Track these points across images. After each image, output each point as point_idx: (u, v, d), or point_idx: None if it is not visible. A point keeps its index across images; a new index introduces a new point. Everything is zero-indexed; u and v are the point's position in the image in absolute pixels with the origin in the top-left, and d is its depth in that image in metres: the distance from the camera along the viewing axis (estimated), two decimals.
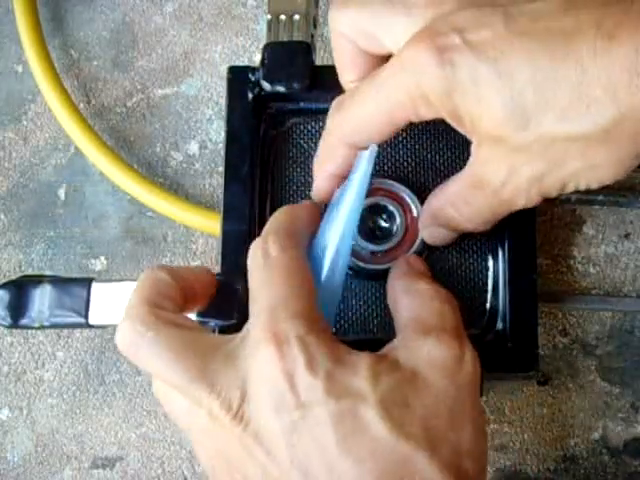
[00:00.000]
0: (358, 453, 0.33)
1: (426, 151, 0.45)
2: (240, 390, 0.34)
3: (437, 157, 0.45)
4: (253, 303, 0.37)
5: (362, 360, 0.35)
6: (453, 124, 0.35)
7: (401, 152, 0.45)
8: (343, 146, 0.39)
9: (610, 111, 0.32)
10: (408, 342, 0.36)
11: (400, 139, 0.45)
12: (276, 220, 0.40)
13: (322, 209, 0.41)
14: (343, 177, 0.40)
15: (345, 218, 0.38)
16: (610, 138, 0.33)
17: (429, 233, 0.42)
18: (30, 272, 0.52)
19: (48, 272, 0.51)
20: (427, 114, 0.35)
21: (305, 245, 0.39)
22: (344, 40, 0.39)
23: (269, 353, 0.34)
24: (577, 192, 0.49)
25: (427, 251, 0.44)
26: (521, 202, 0.37)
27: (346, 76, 0.40)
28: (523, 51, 0.33)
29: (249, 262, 0.38)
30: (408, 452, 0.33)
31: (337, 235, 0.39)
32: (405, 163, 0.45)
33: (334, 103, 0.39)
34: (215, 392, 0.34)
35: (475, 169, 0.37)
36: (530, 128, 0.33)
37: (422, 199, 0.44)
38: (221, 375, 0.35)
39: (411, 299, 0.39)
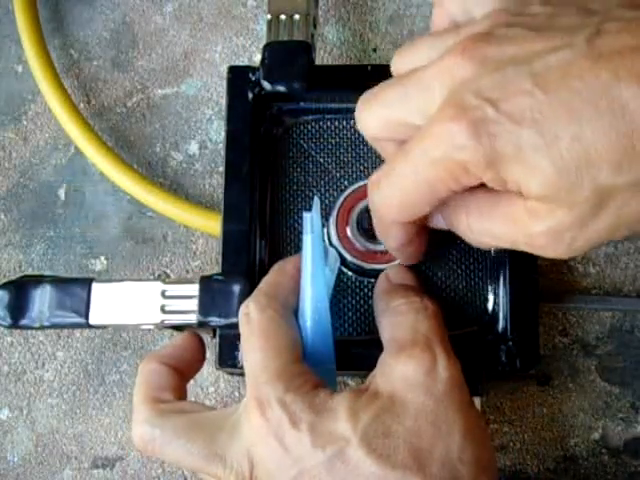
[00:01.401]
0: None
1: None
2: (247, 459, 0.37)
3: None
4: (245, 369, 0.39)
5: (341, 402, 0.36)
6: (497, 188, 0.33)
7: None
8: (395, 224, 0.37)
9: None
10: (384, 367, 0.37)
11: None
12: (263, 281, 0.41)
13: None
14: (414, 241, 0.39)
15: (310, 269, 0.40)
16: None
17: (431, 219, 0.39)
18: (30, 272, 0.52)
19: (48, 272, 0.51)
20: (469, 182, 0.33)
21: (288, 297, 0.40)
22: (382, 142, 0.37)
23: (256, 419, 0.36)
24: None
25: (427, 250, 0.44)
26: (557, 252, 0.34)
27: None
28: (563, 108, 0.30)
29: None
30: None
31: (308, 284, 0.40)
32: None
33: (370, 182, 0.37)
34: (228, 467, 0.37)
35: (516, 211, 0.34)
36: (583, 185, 0.31)
37: None
38: (230, 448, 0.37)
39: (387, 319, 0.40)
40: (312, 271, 0.39)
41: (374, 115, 0.36)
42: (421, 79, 0.34)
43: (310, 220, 0.40)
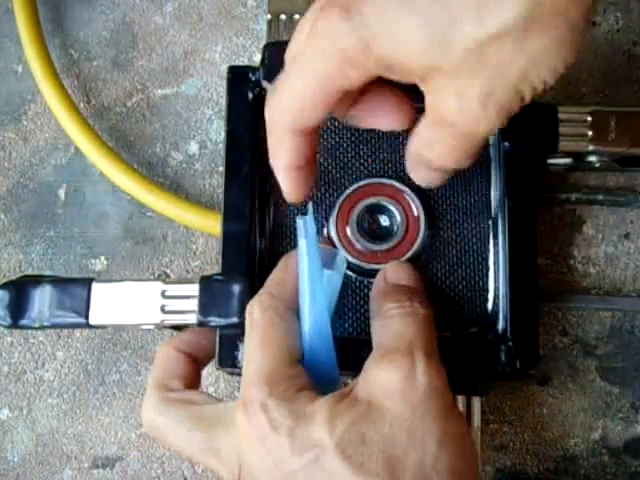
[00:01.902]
0: None
1: None
2: (237, 456, 0.37)
3: None
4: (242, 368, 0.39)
5: (321, 407, 0.36)
6: (388, 76, 0.34)
7: (401, 152, 0.45)
8: (288, 133, 0.37)
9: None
10: (367, 372, 0.37)
11: (400, 139, 0.45)
12: (269, 277, 0.41)
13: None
14: (303, 168, 0.39)
15: (306, 274, 0.39)
16: (537, 24, 0.31)
17: (417, 177, 0.40)
18: (30, 272, 0.52)
19: (48, 272, 0.51)
20: (356, 75, 0.34)
21: (293, 296, 0.40)
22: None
23: (242, 420, 0.37)
24: (577, 191, 0.49)
25: (427, 250, 0.44)
26: (482, 128, 0.34)
27: None
28: None
29: None
30: None
31: (306, 288, 0.39)
32: (405, 163, 0.45)
33: (268, 90, 0.38)
34: (221, 461, 0.38)
35: (428, 108, 0.35)
36: (454, 45, 0.32)
37: (422, 199, 0.44)
38: (224, 444, 0.38)
39: (377, 323, 0.39)
40: (309, 275, 0.39)
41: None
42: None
43: (304, 224, 0.39)
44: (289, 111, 0.36)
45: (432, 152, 0.37)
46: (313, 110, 0.36)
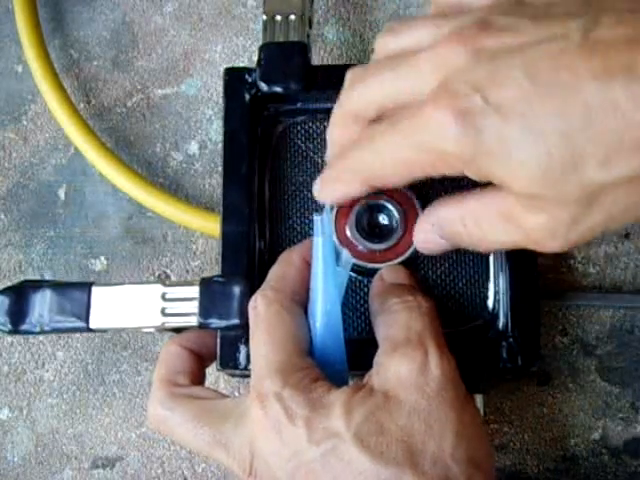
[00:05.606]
0: None
1: None
2: (249, 450, 0.37)
3: None
4: (251, 362, 0.40)
5: (337, 398, 0.36)
6: (478, 180, 0.33)
7: None
8: (357, 180, 0.37)
9: None
10: (379, 365, 0.37)
11: None
12: (270, 272, 0.41)
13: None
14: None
15: (321, 271, 0.39)
16: None
17: (425, 239, 0.40)
18: (30, 272, 0.52)
19: (48, 272, 0.52)
20: (446, 172, 0.33)
21: (296, 289, 0.40)
22: (354, 119, 0.38)
23: (256, 412, 0.37)
24: None
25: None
26: (554, 245, 0.33)
27: None
28: (552, 103, 0.30)
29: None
30: (393, 476, 0.34)
31: (319, 286, 0.39)
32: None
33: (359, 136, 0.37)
34: (231, 455, 0.38)
35: (508, 206, 0.34)
36: (571, 182, 0.30)
37: (422, 198, 0.44)
38: (233, 438, 0.38)
39: (382, 318, 0.40)
40: (323, 273, 0.39)
41: (366, 90, 0.37)
42: (415, 62, 0.34)
43: (321, 222, 0.40)
44: (370, 170, 0.36)
45: (468, 231, 0.36)
46: (389, 180, 0.36)
